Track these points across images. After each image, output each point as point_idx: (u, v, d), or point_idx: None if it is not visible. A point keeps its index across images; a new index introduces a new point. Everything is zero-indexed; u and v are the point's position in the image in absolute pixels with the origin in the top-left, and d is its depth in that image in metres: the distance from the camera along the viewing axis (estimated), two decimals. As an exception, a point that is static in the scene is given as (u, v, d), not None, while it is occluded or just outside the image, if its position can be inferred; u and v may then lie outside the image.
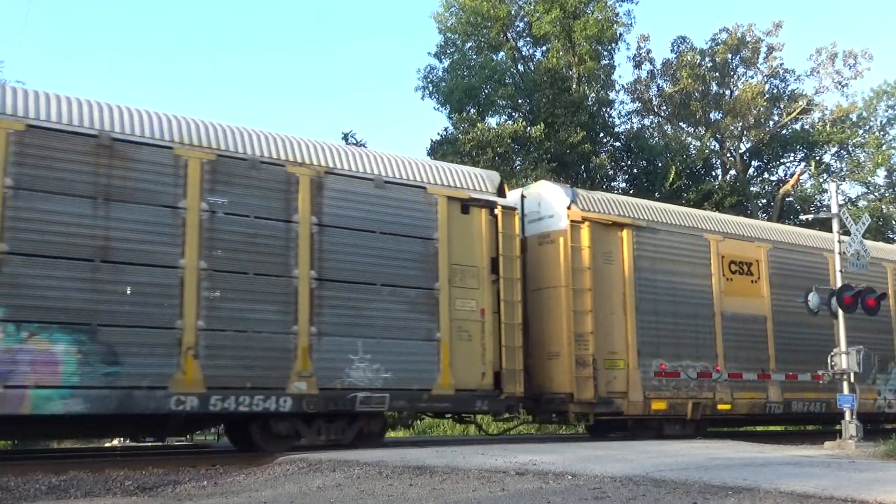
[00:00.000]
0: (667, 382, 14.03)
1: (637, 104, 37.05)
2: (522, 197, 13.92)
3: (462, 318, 12.04)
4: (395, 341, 11.44)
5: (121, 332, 9.57)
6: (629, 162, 34.47)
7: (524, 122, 29.18)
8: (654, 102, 37.00)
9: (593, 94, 32.97)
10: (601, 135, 32.98)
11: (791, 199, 35.21)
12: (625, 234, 14.13)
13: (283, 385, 10.48)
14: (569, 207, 13.62)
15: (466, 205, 12.43)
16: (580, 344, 13.25)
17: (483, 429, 14.83)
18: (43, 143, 9.49)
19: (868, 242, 15.16)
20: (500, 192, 12.98)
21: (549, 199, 13.87)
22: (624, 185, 34.16)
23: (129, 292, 9.67)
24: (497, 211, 12.68)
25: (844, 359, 13.27)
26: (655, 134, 37.29)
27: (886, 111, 37.62)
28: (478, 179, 12.82)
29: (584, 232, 13.61)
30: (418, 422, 20.83)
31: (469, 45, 33.49)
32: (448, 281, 11.96)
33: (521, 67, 34.45)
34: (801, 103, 36.10)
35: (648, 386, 13.81)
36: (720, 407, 14.65)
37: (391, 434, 17.86)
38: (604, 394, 13.37)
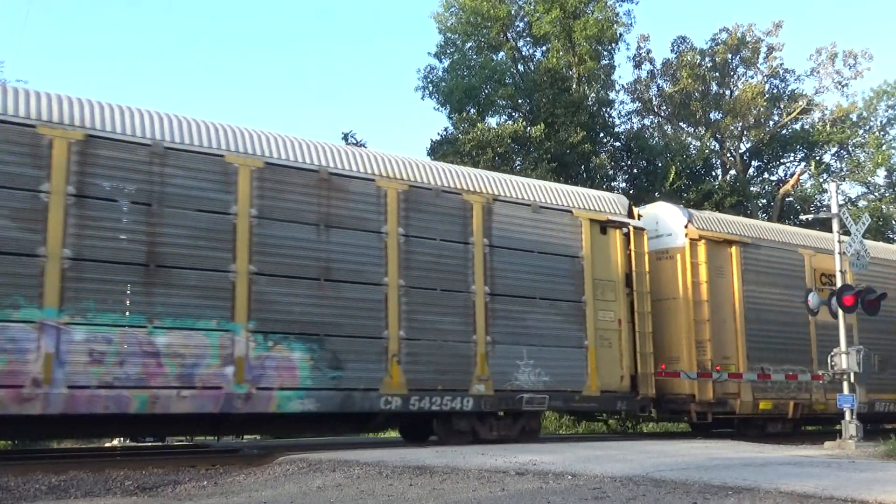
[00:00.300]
0: (771, 385, 15.50)
1: (637, 104, 37.07)
2: (639, 216, 14.91)
3: (603, 327, 13.61)
4: (552, 348, 12.97)
5: (342, 341, 11.13)
6: (629, 162, 34.45)
7: (524, 122, 29.15)
8: (654, 102, 36.99)
9: (593, 94, 32.94)
10: (601, 135, 32.95)
11: (791, 199, 35.21)
12: (734, 250, 15.61)
13: (466, 387, 12.06)
14: (686, 226, 15.10)
15: (604, 226, 13.97)
16: (699, 350, 14.71)
17: (612, 427, 16.31)
18: (277, 178, 11.06)
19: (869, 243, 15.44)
20: (630, 214, 14.46)
21: (667, 219, 15.38)
22: (624, 185, 34.16)
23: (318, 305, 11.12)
24: (629, 231, 14.16)
25: (844, 359, 13.29)
26: (655, 134, 37.25)
27: (886, 111, 37.60)
28: (612, 203, 14.41)
29: (701, 249, 15.03)
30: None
31: (469, 45, 33.47)
32: (592, 294, 13.55)
33: (521, 67, 34.44)
34: (801, 103, 36.06)
35: (756, 388, 15.22)
36: (816, 406, 16.06)
37: (390, 434, 17.84)
38: (719, 395, 14.84)
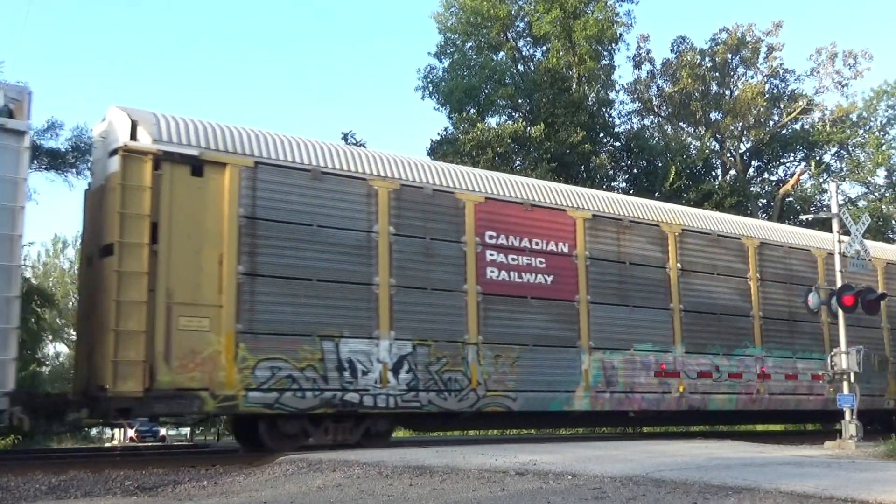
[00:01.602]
0: None
1: (637, 104, 37.09)
2: None
3: None
4: None
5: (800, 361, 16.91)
6: (629, 162, 34.46)
7: (524, 122, 29.17)
8: (654, 102, 36.99)
9: (593, 94, 32.95)
10: (601, 135, 32.97)
11: (791, 199, 35.21)
12: None
13: (883, 393, 17.83)
14: None
15: None
16: None
17: None
18: (770, 252, 16.79)
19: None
20: None
21: None
22: (624, 185, 34.16)
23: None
24: None
25: (844, 359, 13.29)
26: (655, 134, 37.27)
27: (886, 111, 37.60)
28: None
29: None
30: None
31: (469, 45, 33.49)
32: None
33: (521, 67, 34.45)
34: (801, 103, 36.07)
35: None
36: None
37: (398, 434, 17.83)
38: None
